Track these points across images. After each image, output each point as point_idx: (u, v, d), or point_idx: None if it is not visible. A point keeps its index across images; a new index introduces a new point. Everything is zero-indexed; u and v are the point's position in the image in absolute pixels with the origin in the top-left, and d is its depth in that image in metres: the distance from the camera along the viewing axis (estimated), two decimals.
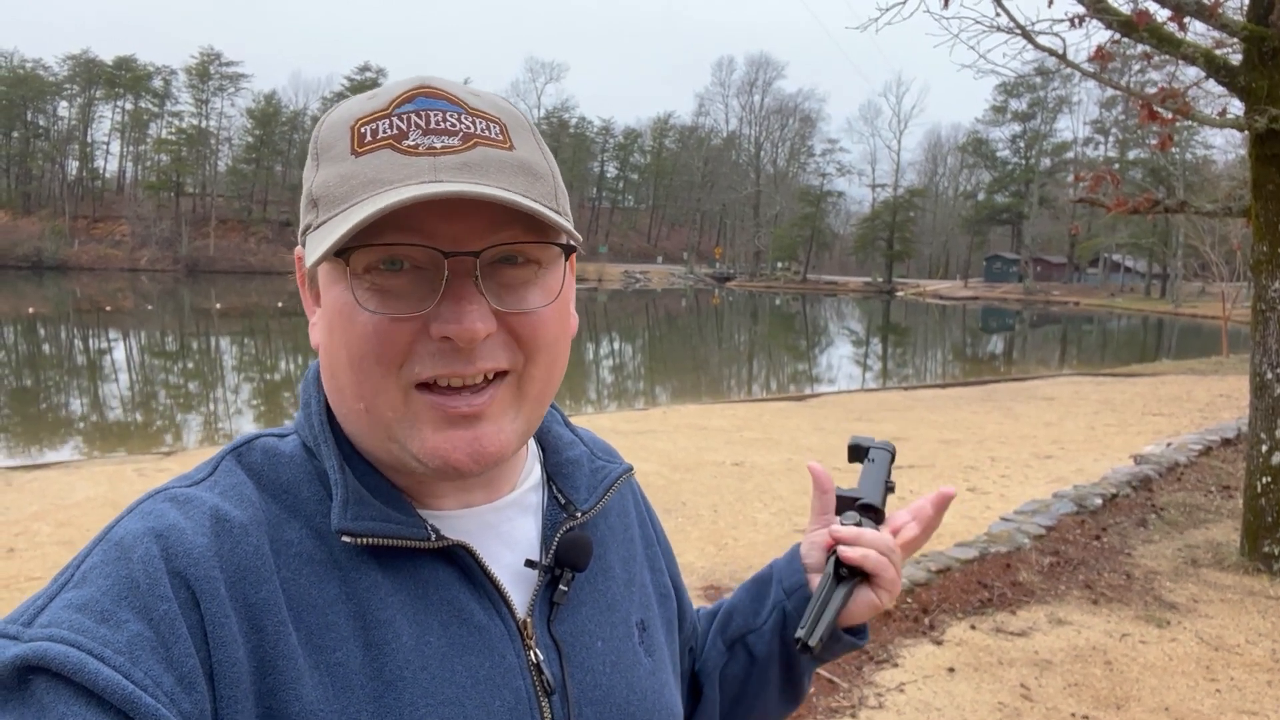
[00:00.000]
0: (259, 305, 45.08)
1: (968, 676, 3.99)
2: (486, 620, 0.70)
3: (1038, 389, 17.78)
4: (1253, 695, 3.84)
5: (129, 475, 8.76)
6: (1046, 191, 76.56)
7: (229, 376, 21.46)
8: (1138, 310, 56.74)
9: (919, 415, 13.81)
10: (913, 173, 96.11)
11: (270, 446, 0.71)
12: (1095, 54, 6.08)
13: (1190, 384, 17.40)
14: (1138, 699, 3.80)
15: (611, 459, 0.86)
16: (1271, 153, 5.26)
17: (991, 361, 30.05)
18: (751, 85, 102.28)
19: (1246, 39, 5.21)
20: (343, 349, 0.66)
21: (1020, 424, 12.69)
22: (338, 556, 0.66)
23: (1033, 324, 48.83)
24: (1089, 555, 5.58)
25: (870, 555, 0.86)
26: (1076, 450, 10.24)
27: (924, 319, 52.30)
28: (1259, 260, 5.39)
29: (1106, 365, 25.00)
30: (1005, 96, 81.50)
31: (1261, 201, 5.32)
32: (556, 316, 0.69)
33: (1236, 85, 5.36)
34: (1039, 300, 66.27)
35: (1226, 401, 14.32)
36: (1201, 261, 38.10)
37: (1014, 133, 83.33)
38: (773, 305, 62.03)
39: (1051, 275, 75.76)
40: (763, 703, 0.96)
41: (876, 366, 28.29)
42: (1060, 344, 37.98)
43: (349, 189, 0.63)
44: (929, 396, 17.01)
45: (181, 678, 0.56)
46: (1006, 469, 9.13)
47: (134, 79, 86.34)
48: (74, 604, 0.56)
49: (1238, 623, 4.60)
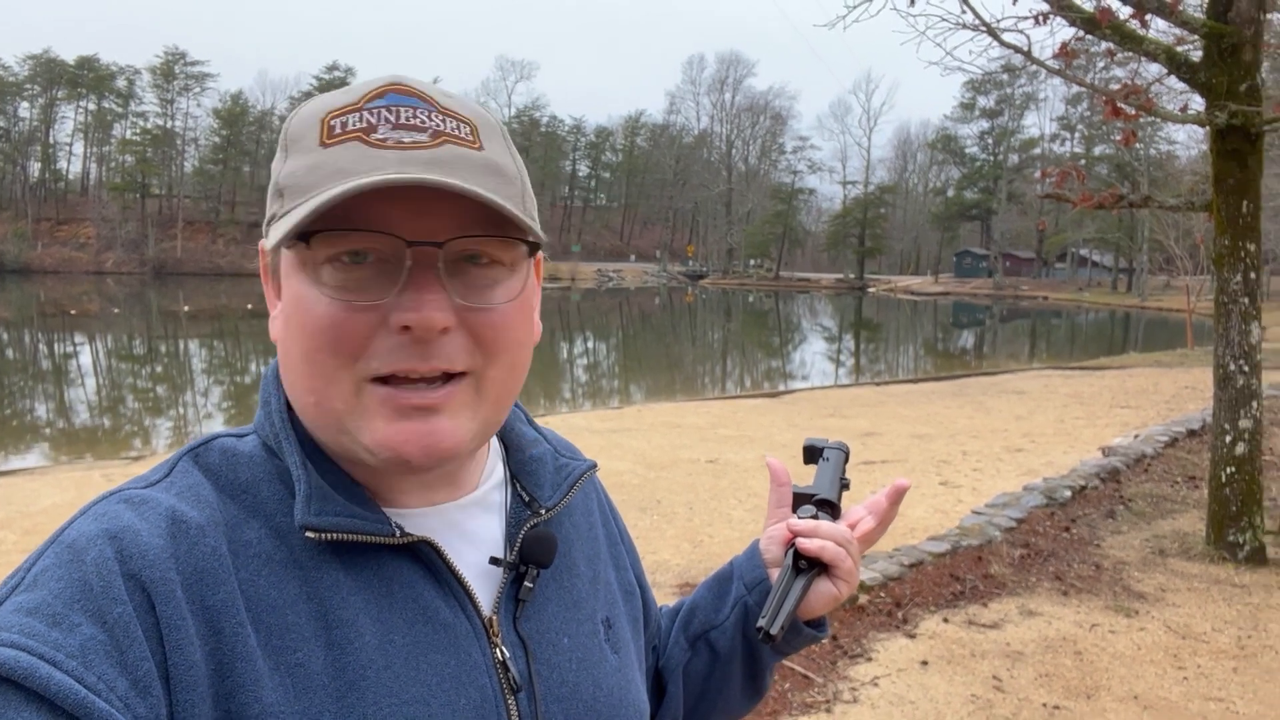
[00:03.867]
0: (228, 307, 44.54)
1: (941, 669, 4.02)
2: (452, 618, 0.69)
3: (1008, 383, 17.98)
4: (1219, 682, 3.91)
5: (96, 481, 8.63)
6: (1015, 187, 77.42)
7: (198, 380, 21.20)
8: (1105, 304, 57.54)
9: (891, 410, 13.91)
10: (883, 169, 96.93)
11: (228, 447, 0.70)
12: (1060, 51, 6.14)
13: (1156, 376, 17.67)
14: (1107, 688, 3.86)
15: (575, 456, 0.87)
16: (1232, 148, 5.34)
17: (963, 356, 30.34)
18: (722, 83, 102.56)
19: (1206, 35, 5.29)
20: (298, 339, 0.65)
21: (991, 418, 12.82)
22: (298, 556, 0.66)
23: (1003, 319, 49.36)
24: (1059, 547, 5.65)
25: (828, 546, 0.87)
26: (1047, 443, 10.36)
27: (896, 315, 52.70)
28: (1220, 254, 5.48)
29: (1075, 359, 25.31)
30: (973, 93, 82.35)
31: (1223, 196, 5.41)
32: (519, 318, 0.69)
33: (1197, 81, 5.44)
34: (1008, 295, 67.00)
35: (1192, 393, 14.55)
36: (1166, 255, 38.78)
37: (982, 129, 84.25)
38: (746, 302, 62.25)
39: (1020, 270, 76.65)
40: (725, 698, 0.97)
41: (849, 363, 28.47)
42: (1030, 338, 38.43)
43: (316, 178, 0.63)
44: (901, 391, 17.14)
45: (136, 681, 0.55)
46: (978, 462, 9.22)
47: (97, 79, 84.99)
48: (24, 607, 0.55)
49: (1204, 611, 4.68)
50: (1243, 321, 5.40)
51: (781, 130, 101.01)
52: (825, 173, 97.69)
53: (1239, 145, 5.30)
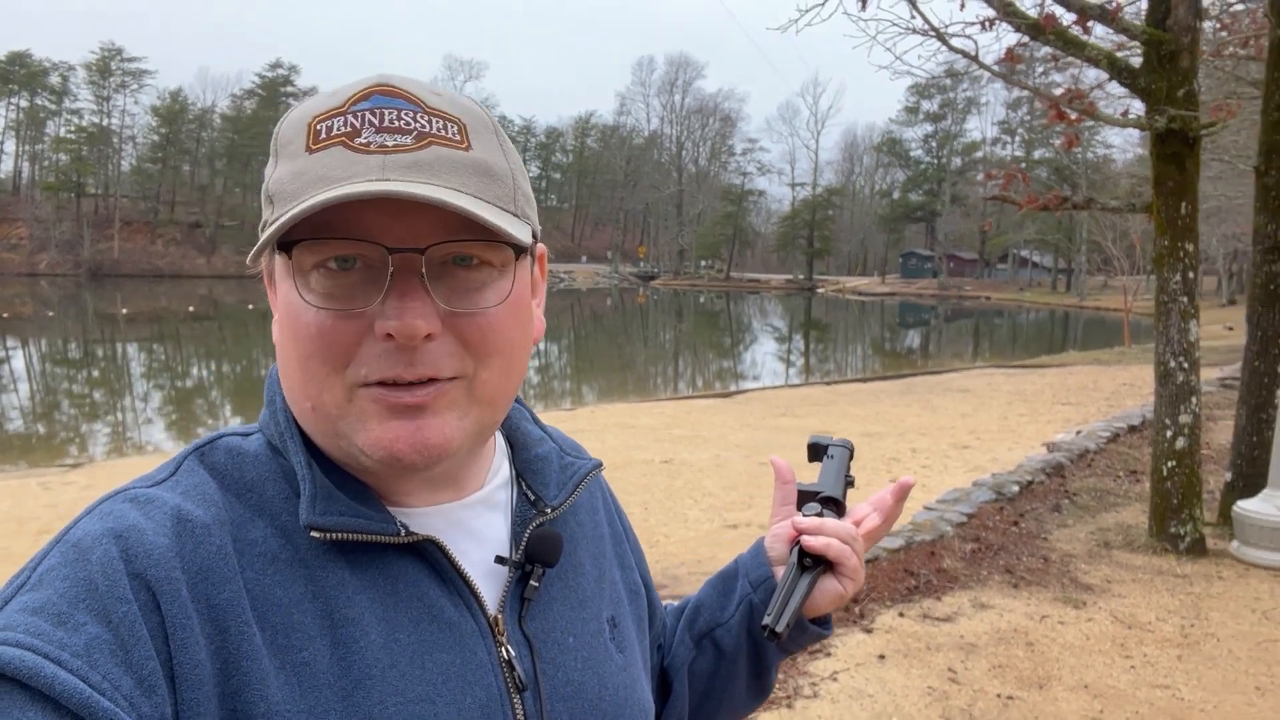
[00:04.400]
0: (168, 310, 43.46)
1: (898, 663, 4.08)
2: (457, 617, 0.69)
3: (954, 381, 18.34)
4: (1165, 670, 4.02)
5: (33, 489, 8.35)
6: (958, 190, 79.01)
7: (137, 385, 20.62)
8: (1045, 304, 58.97)
9: (842, 409, 14.09)
10: (830, 172, 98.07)
11: (234, 445, 0.70)
12: (1005, 56, 6.29)
13: (1096, 374, 18.15)
14: (1058, 678, 3.95)
15: (580, 455, 0.86)
16: (1170, 151, 5.51)
17: (909, 355, 30.85)
18: (672, 85, 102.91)
19: (1146, 42, 5.45)
20: (291, 346, 0.66)
21: (939, 416, 13.05)
22: (304, 555, 0.66)
23: (947, 318, 50.31)
24: (1008, 541, 5.77)
25: (833, 544, 0.87)
26: (992, 440, 10.58)
27: (844, 315, 53.40)
28: (1160, 254, 5.65)
29: (1017, 357, 25.87)
30: (917, 98, 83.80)
31: (1162, 198, 5.58)
32: (510, 319, 0.68)
33: (1137, 86, 5.60)
34: (953, 295, 68.32)
35: (1130, 390, 14.98)
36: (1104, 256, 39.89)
37: (926, 133, 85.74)
38: (697, 303, 62.55)
39: (964, 271, 78.21)
40: (731, 696, 0.97)
41: (799, 363, 28.77)
42: (973, 337, 39.22)
43: (300, 185, 0.63)
44: (851, 390, 17.37)
45: (141, 680, 0.55)
46: (927, 459, 9.39)
47: (29, 75, 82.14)
48: (30, 607, 0.55)
49: (1148, 601, 4.82)
50: (1182, 320, 5.58)
51: (731, 132, 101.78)
52: (774, 175, 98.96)
53: (1178, 149, 5.47)
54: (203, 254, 78.83)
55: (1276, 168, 5.69)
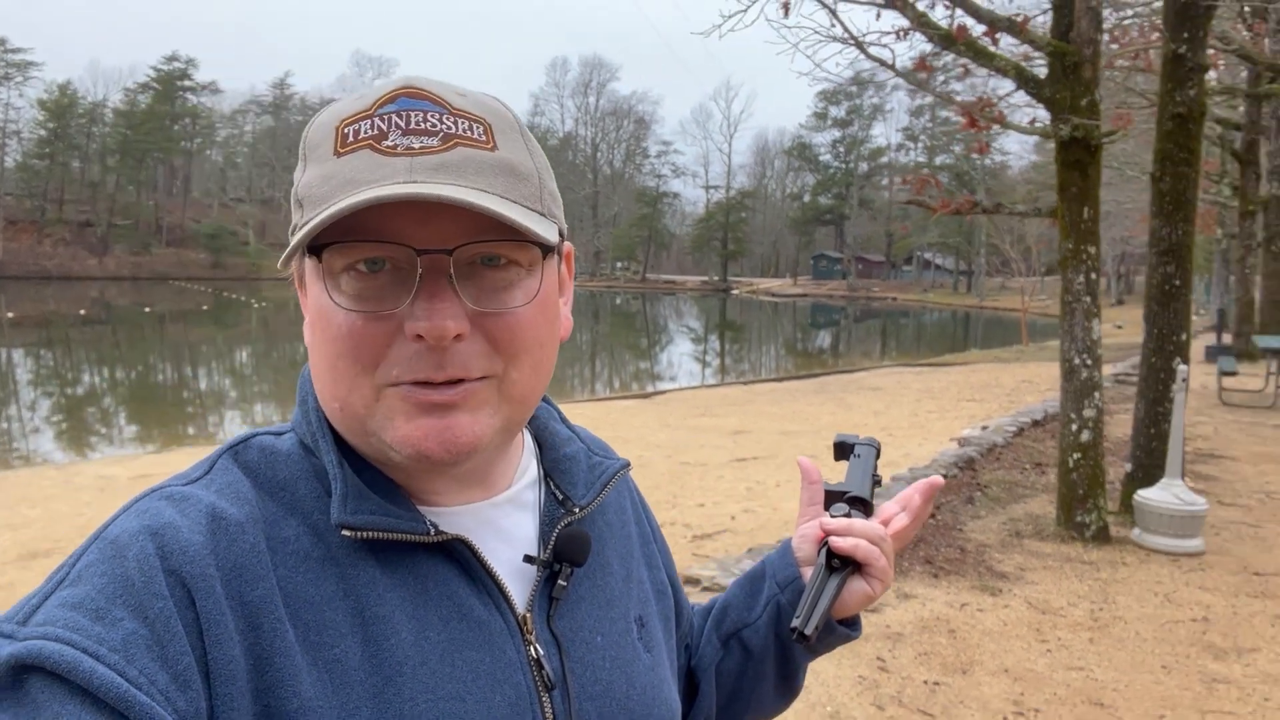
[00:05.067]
0: (58, 313, 41.24)
1: (829, 654, 4.17)
2: (486, 615, 0.70)
3: (865, 380, 18.86)
4: (1078, 652, 4.22)
5: None
6: (865, 194, 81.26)
7: (24, 392, 19.51)
8: (948, 305, 61.13)
9: (759, 408, 14.33)
10: (743, 175, 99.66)
11: (267, 444, 0.72)
12: (918, 65, 6.50)
13: (997, 371, 18.91)
14: (980, 663, 4.10)
15: (608, 455, 0.86)
16: (1074, 158, 5.79)
17: (821, 355, 31.56)
18: (586, 86, 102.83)
19: (1051, 54, 5.71)
20: (322, 347, 0.67)
21: (852, 413, 13.39)
22: (335, 553, 0.66)
23: (856, 319, 51.67)
24: (927, 532, 5.97)
25: (861, 545, 0.86)
26: (904, 436, 10.91)
27: (758, 315, 54.29)
28: (1065, 256, 5.93)
29: (924, 356, 26.73)
30: (825, 104, 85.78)
31: (1066, 203, 5.85)
32: (538, 318, 0.69)
33: (1043, 96, 5.87)
34: (861, 296, 70.20)
35: (1030, 386, 15.66)
36: (1003, 259, 41.61)
37: (834, 138, 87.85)
38: (613, 304, 62.67)
39: (872, 272, 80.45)
40: (758, 697, 0.96)
41: (716, 363, 29.11)
42: (881, 337, 40.39)
43: (329, 189, 0.64)
44: (767, 390, 17.68)
45: (176, 675, 0.56)
46: None
47: None
48: (68, 602, 0.57)
49: (1059, 587, 5.05)
50: (1085, 319, 5.86)
51: (645, 135, 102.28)
52: (689, 177, 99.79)
53: (1080, 156, 5.75)
54: (94, 255, 74.96)
55: (1170, 174, 6.04)
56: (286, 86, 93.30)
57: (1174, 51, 5.97)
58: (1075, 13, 5.56)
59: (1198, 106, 5.99)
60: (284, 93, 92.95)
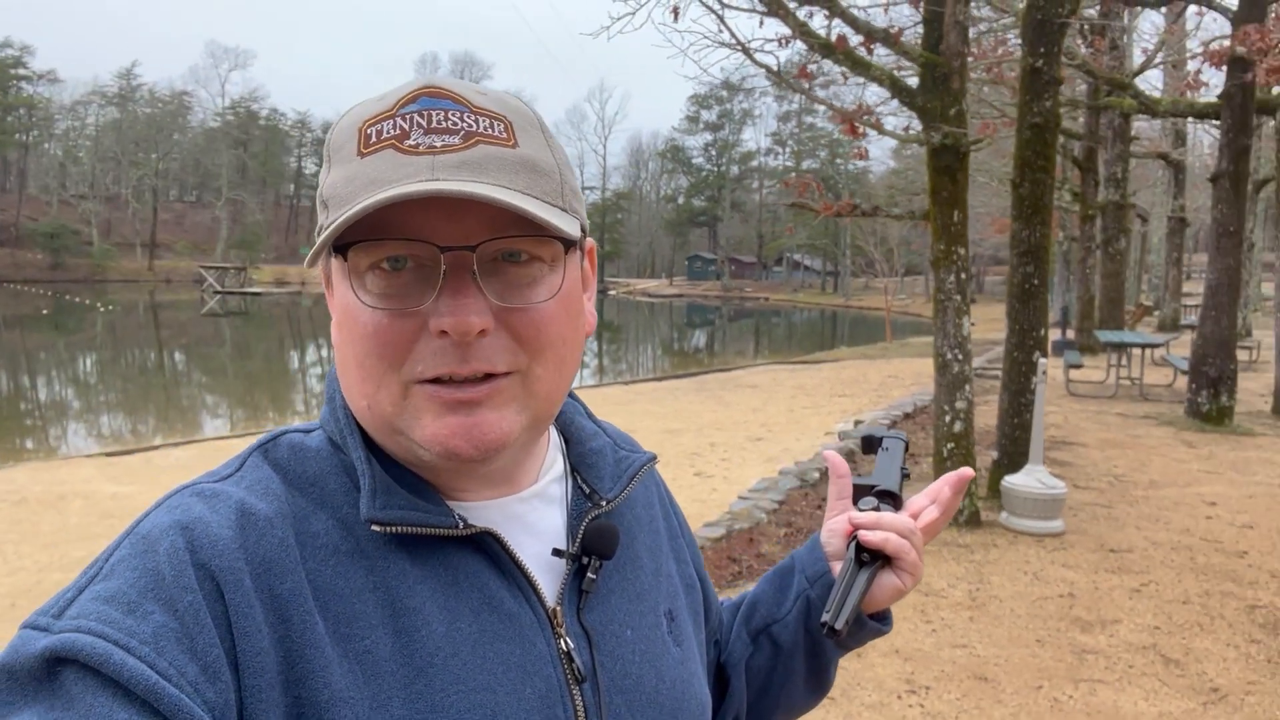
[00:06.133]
0: None
1: None
2: (517, 608, 0.70)
3: (742, 378, 19.31)
4: (960, 631, 4.47)
5: None
6: (737, 196, 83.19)
7: None
8: (816, 304, 63.25)
9: (642, 408, 14.46)
10: (618, 176, 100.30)
11: (296, 441, 0.73)
12: (800, 72, 6.73)
13: (864, 368, 19.73)
14: (872, 645, 4.28)
15: (634, 449, 0.87)
16: (944, 164, 6.11)
17: (698, 354, 32.13)
18: None
19: (923, 64, 6.02)
20: (349, 346, 0.68)
21: (732, 411, 13.70)
22: (365, 546, 0.67)
23: (730, 318, 52.85)
24: (814, 523, 6.18)
25: (891, 538, 0.86)
26: (782, 431, 11.25)
27: (635, 316, 54.75)
28: (936, 257, 6.25)
29: (795, 354, 27.57)
30: (697, 108, 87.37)
31: (938, 207, 6.17)
32: (561, 313, 0.69)
33: (915, 105, 6.17)
34: (735, 296, 71.80)
35: (896, 381, 16.42)
36: (867, 259, 43.69)
37: (706, 141, 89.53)
38: None
39: (744, 273, 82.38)
40: (789, 693, 0.97)
41: (594, 363, 29.20)
42: (755, 336, 41.46)
43: (353, 189, 0.64)
44: (649, 389, 17.86)
45: (205, 667, 0.57)
46: (725, 453, 9.84)
47: None
48: (101, 596, 0.58)
49: (939, 570, 5.33)
50: (956, 316, 6.20)
51: None
52: None
53: (950, 162, 6.07)
54: None
55: (1029, 180, 6.46)
56: (134, 77, 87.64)
57: (1032, 65, 6.39)
58: (945, 26, 5.87)
59: (1053, 117, 6.44)
60: (130, 83, 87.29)
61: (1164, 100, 14.03)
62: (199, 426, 15.10)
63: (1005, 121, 11.65)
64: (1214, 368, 10.30)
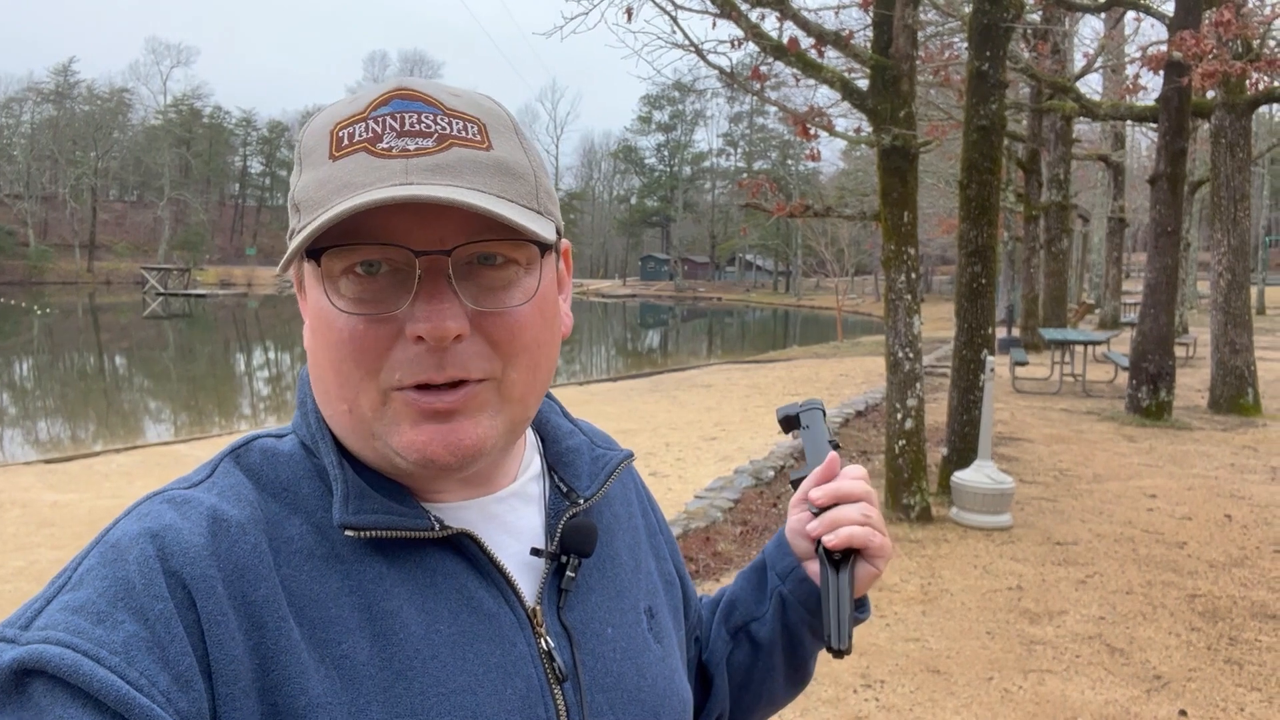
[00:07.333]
0: None
1: None
2: (496, 608, 0.70)
3: (696, 378, 19.38)
4: (913, 625, 4.54)
5: None
6: (690, 197, 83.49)
7: None
8: (768, 304, 63.79)
9: (597, 408, 14.43)
10: (571, 176, 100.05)
11: (268, 447, 0.72)
12: (753, 73, 6.78)
13: (816, 366, 19.93)
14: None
15: (611, 447, 0.86)
16: (894, 165, 6.21)
17: (652, 354, 32.20)
18: None
19: (873, 67, 6.11)
20: (324, 351, 0.67)
21: (686, 410, 13.75)
22: (340, 551, 0.67)
23: (684, 318, 53.06)
24: (770, 521, 6.23)
25: (855, 534, 0.85)
26: (736, 430, 11.32)
27: (589, 316, 54.66)
28: (887, 257, 6.35)
29: (748, 353, 27.75)
30: (650, 108, 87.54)
31: (888, 208, 6.27)
32: (537, 317, 0.69)
33: (866, 107, 6.26)
34: (688, 297, 72.08)
35: (847, 380, 16.62)
36: (818, 260, 44.16)
37: (659, 142, 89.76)
38: None
39: (697, 274, 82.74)
40: (770, 687, 0.97)
41: None
42: (708, 335, 41.66)
43: (325, 193, 0.64)
44: (604, 390, 17.84)
45: (178, 676, 0.56)
46: (680, 452, 9.87)
47: None
48: (70, 606, 0.57)
49: (892, 566, 5.40)
50: (907, 315, 6.30)
51: None
52: None
53: (900, 163, 6.17)
54: None
55: (976, 181, 6.59)
56: (71, 73, 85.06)
57: (978, 69, 6.52)
58: (894, 30, 5.96)
59: (999, 119, 6.58)
60: (68, 80, 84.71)
61: (1104, 103, 14.41)
62: (141, 432, 14.72)
63: (953, 124, 11.88)
64: (1153, 364, 10.61)
